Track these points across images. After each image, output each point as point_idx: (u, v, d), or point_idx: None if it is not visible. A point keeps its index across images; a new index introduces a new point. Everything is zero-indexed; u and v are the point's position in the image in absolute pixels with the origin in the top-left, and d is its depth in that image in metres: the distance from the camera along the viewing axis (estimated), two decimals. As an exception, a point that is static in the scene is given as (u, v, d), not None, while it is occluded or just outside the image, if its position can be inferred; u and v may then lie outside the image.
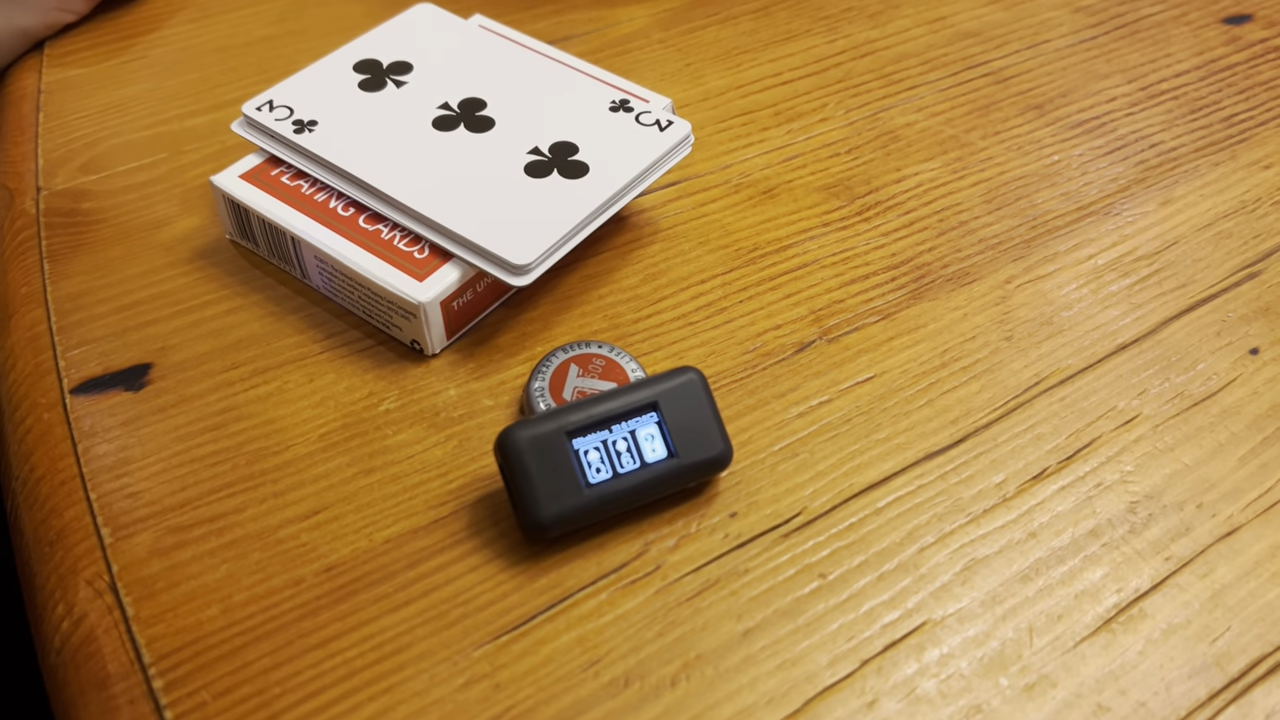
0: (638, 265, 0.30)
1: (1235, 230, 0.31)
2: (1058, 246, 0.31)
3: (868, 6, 0.39)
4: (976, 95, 0.36)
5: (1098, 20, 0.39)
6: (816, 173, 0.33)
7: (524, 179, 0.28)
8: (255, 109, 0.29)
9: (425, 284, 0.26)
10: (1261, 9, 0.40)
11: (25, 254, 0.30)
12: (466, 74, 0.31)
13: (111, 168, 0.32)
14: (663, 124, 0.30)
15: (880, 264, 0.30)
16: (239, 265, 0.29)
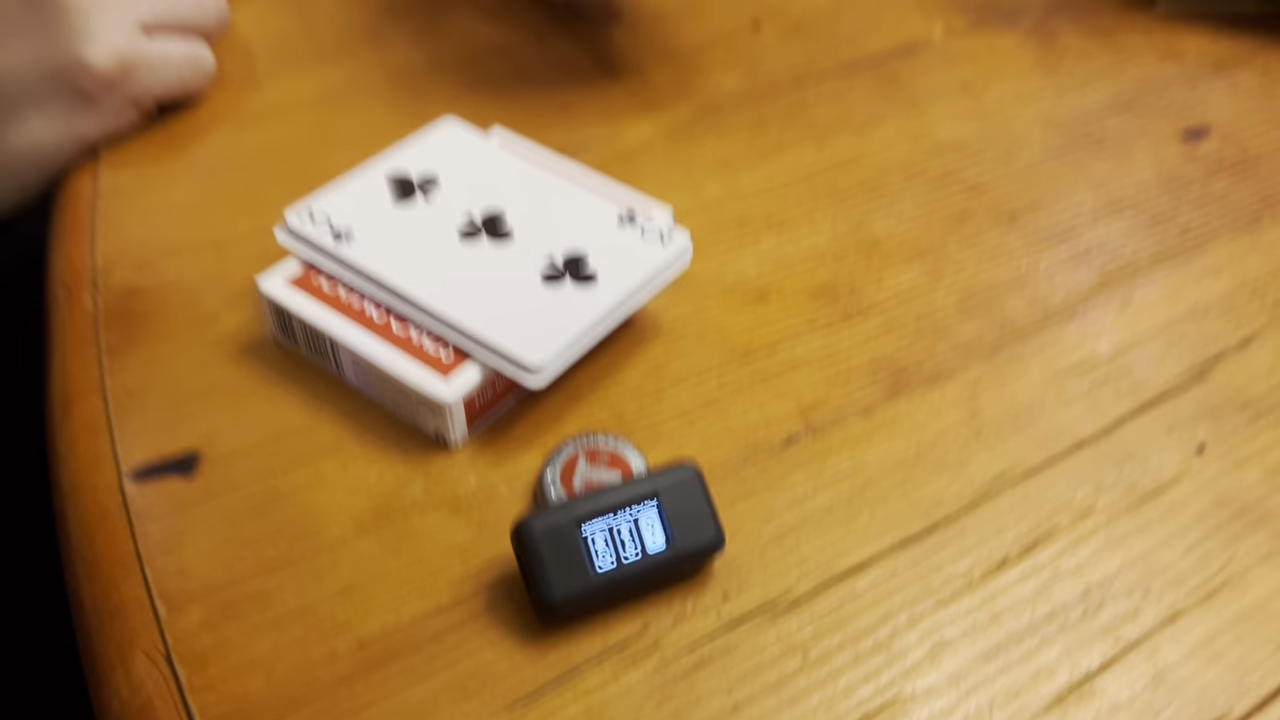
0: (641, 361, 0.33)
1: (1187, 335, 0.34)
2: (1023, 349, 0.34)
3: (854, 119, 0.43)
4: (953, 205, 0.39)
5: (1067, 134, 0.42)
6: (805, 277, 0.36)
7: (540, 287, 0.31)
8: (297, 218, 0.33)
9: (450, 383, 0.29)
10: (1217, 124, 0.43)
11: (84, 347, 0.33)
12: (488, 187, 0.34)
13: (162, 267, 0.35)
14: (665, 237, 0.33)
15: (862, 363, 0.33)
16: (280, 360, 0.32)
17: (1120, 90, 0.45)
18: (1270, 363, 0.34)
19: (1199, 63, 0.47)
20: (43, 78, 0.38)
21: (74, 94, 0.38)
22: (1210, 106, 0.44)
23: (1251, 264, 0.37)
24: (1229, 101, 0.45)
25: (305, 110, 0.42)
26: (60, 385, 0.32)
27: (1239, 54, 0.47)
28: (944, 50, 0.47)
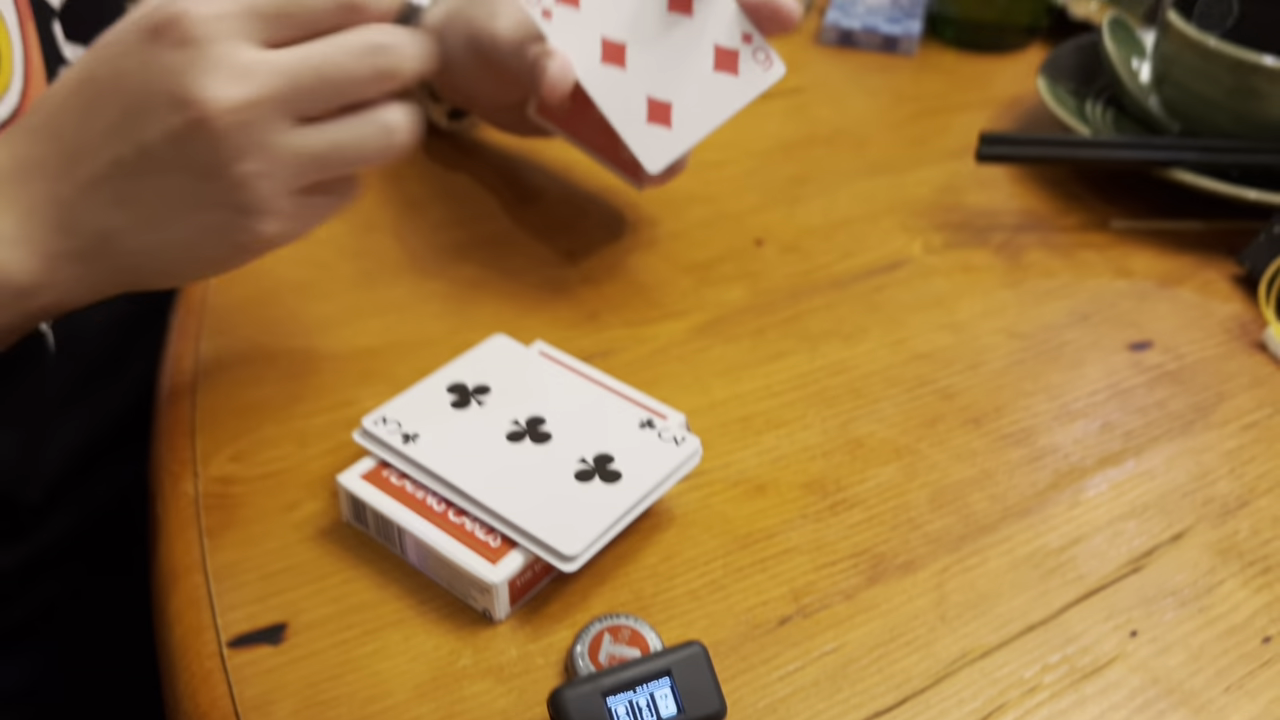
0: (657, 547, 0.39)
1: (1126, 530, 0.40)
2: (985, 541, 0.39)
3: (842, 330, 0.49)
4: (926, 409, 0.45)
5: (1028, 345, 0.49)
6: (798, 472, 0.42)
7: (574, 483, 0.37)
8: (372, 423, 0.39)
9: (497, 567, 0.35)
10: (1159, 337, 0.50)
11: (187, 529, 0.39)
12: (531, 395, 0.41)
13: (253, 458, 0.42)
14: (678, 440, 0.39)
15: (846, 552, 0.39)
16: (353, 543, 0.38)
17: (1076, 304, 0.52)
18: (1196, 557, 0.39)
19: (1146, 278, 0.54)
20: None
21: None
22: (1155, 320, 0.51)
23: (1184, 467, 0.43)
24: (1171, 315, 0.51)
25: (373, 319, 0.49)
26: (166, 562, 0.38)
27: (1183, 271, 0.54)
28: (923, 266, 0.54)
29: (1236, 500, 0.42)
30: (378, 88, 0.38)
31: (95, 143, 0.37)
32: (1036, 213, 0.58)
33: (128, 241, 0.38)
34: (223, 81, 0.35)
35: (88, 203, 0.38)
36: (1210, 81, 0.57)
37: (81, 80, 0.38)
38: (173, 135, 0.36)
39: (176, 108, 0.36)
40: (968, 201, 0.59)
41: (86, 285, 0.39)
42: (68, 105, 0.38)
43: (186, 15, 0.36)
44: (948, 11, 0.76)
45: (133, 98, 0.37)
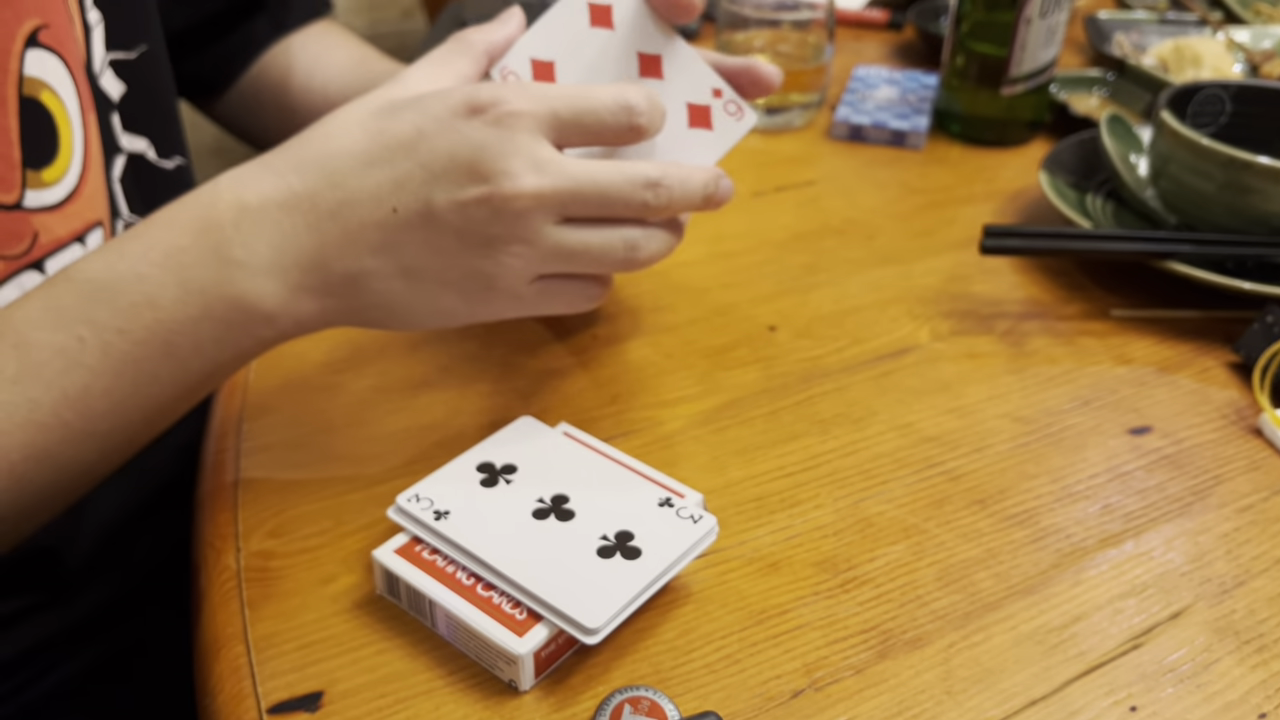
0: (675, 622, 0.41)
1: (1126, 609, 0.42)
2: (990, 619, 0.41)
3: (852, 413, 0.51)
4: (934, 490, 0.47)
5: (1031, 428, 0.51)
6: (810, 550, 0.44)
7: (596, 559, 0.39)
8: (406, 500, 0.41)
9: (523, 639, 0.37)
10: (1158, 423, 0.52)
11: (229, 601, 0.41)
12: (556, 474, 0.43)
13: (292, 533, 0.44)
14: (696, 518, 0.41)
15: (856, 628, 0.41)
16: (386, 615, 0.40)
17: (1078, 390, 0.54)
18: (1194, 635, 0.41)
19: (1146, 365, 0.56)
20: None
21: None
22: (1154, 405, 0.53)
23: (1183, 548, 0.45)
24: (1169, 401, 0.53)
25: (406, 400, 0.51)
26: (209, 632, 0.40)
27: (1181, 358, 0.56)
28: (930, 352, 0.56)
29: (1233, 580, 0.43)
30: (641, 214, 0.43)
31: (376, 191, 0.40)
32: (1039, 301, 0.61)
33: (374, 286, 0.42)
34: (522, 169, 0.40)
35: (350, 245, 0.41)
36: (1204, 178, 0.60)
37: (374, 133, 0.41)
38: (463, 201, 0.40)
39: (476, 178, 0.40)
40: (973, 290, 0.61)
41: (319, 319, 0.43)
42: (353, 152, 0.41)
43: (505, 101, 0.40)
44: (954, 107, 0.79)
45: (434, 158, 0.40)
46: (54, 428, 0.40)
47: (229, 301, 0.40)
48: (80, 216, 0.51)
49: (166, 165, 0.60)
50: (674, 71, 0.49)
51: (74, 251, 0.51)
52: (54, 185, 0.49)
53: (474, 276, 0.42)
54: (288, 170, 0.41)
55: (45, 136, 0.49)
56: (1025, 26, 0.74)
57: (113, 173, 0.54)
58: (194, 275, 0.40)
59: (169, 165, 0.60)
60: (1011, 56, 0.75)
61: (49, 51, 0.49)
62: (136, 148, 0.57)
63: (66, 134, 0.50)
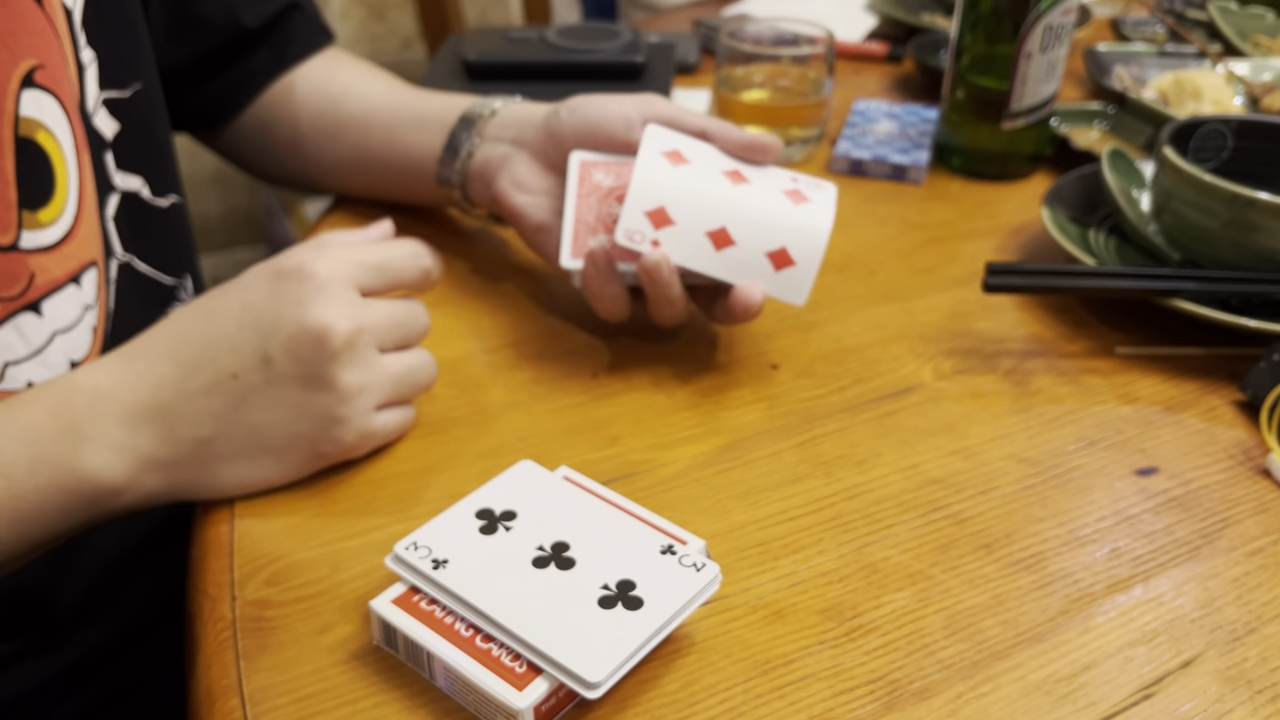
0: (678, 673, 0.40)
1: (1136, 657, 0.41)
2: (998, 668, 0.40)
3: (856, 454, 0.51)
4: (939, 534, 0.47)
5: (1037, 470, 0.50)
6: (815, 597, 0.43)
7: (597, 610, 0.39)
8: (404, 548, 0.41)
9: (523, 693, 0.36)
10: (1165, 463, 0.51)
11: (224, 652, 0.40)
12: (556, 521, 0.42)
13: (288, 581, 0.43)
14: (699, 566, 0.41)
15: (862, 679, 0.40)
16: (383, 666, 0.40)
17: (1083, 430, 0.53)
18: (1205, 684, 0.40)
19: (1151, 404, 0.55)
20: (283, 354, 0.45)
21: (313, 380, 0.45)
22: (1160, 446, 0.52)
23: (1192, 593, 0.44)
24: (1176, 441, 0.53)
25: (403, 444, 0.51)
26: (203, 684, 0.39)
27: (1186, 397, 0.56)
28: (933, 391, 0.56)
29: (1244, 627, 0.42)
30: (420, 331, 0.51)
31: (216, 357, 0.45)
32: (1043, 339, 0.60)
33: (221, 449, 0.45)
34: (340, 311, 0.45)
35: (195, 412, 0.45)
36: (1207, 214, 0.60)
37: (204, 311, 0.47)
38: (296, 351, 0.45)
39: (302, 328, 0.45)
40: (976, 328, 0.61)
41: (165, 491, 0.46)
42: (188, 330, 0.46)
43: (309, 264, 0.46)
44: (954, 141, 0.79)
45: (261, 319, 0.45)
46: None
47: (74, 475, 0.43)
48: (75, 257, 0.51)
49: (161, 203, 0.60)
50: (756, 175, 0.57)
51: (69, 292, 0.50)
52: (50, 226, 0.49)
53: (320, 420, 0.46)
54: (135, 358, 0.46)
55: (41, 177, 0.49)
56: (1026, 61, 0.74)
57: (106, 211, 0.54)
58: (45, 449, 0.43)
59: (163, 203, 0.60)
60: (1012, 90, 0.75)
61: (45, 92, 0.49)
62: (130, 186, 0.57)
63: (62, 174, 0.50)
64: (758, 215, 0.54)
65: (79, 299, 0.51)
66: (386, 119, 0.65)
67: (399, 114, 0.65)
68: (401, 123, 0.65)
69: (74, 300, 0.51)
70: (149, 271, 0.58)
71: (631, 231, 0.53)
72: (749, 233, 0.54)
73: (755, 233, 0.54)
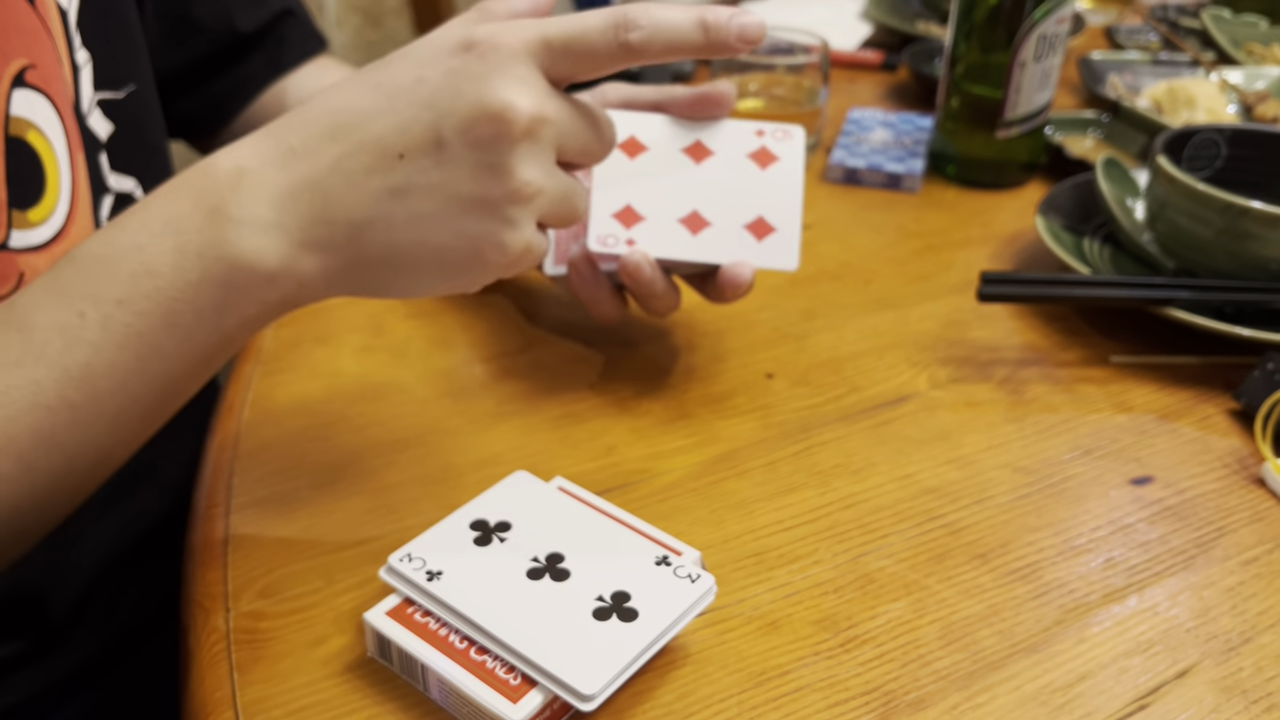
0: (673, 685, 0.40)
1: (1132, 667, 0.41)
2: (993, 678, 0.40)
3: (851, 464, 0.51)
4: (935, 544, 0.46)
5: (1032, 479, 0.50)
6: (810, 608, 0.43)
7: (592, 621, 0.39)
8: (398, 560, 0.41)
9: (517, 706, 0.36)
10: (1160, 472, 0.51)
11: (218, 664, 0.40)
12: (550, 531, 0.42)
13: (282, 592, 0.43)
14: (694, 578, 0.41)
15: (857, 690, 0.40)
16: (377, 678, 0.39)
17: (1078, 439, 0.53)
18: (1201, 694, 0.40)
19: (1146, 413, 0.55)
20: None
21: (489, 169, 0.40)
22: (1155, 454, 0.52)
23: (1187, 603, 0.44)
24: (1171, 450, 0.53)
25: (398, 454, 0.51)
26: (197, 697, 0.39)
27: (1181, 405, 0.56)
28: (928, 400, 0.56)
29: (1239, 637, 0.42)
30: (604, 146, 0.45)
31: (381, 136, 0.40)
32: (1038, 347, 0.60)
33: (379, 236, 0.40)
34: (526, 95, 0.40)
35: (354, 192, 0.40)
36: (1201, 222, 0.60)
37: (372, 84, 0.41)
38: (472, 132, 0.39)
39: (482, 108, 0.39)
40: (971, 336, 0.61)
41: (322, 280, 0.41)
42: (352, 106, 0.41)
43: (493, 36, 0.40)
44: (949, 150, 0.79)
45: (437, 97, 0.40)
46: (59, 409, 0.39)
47: (227, 262, 0.39)
48: None
49: None
50: (718, 142, 0.54)
51: None
52: (40, 225, 0.49)
53: (488, 216, 0.41)
54: (285, 132, 0.41)
55: (31, 177, 0.49)
56: (1020, 69, 0.74)
57: (101, 212, 0.54)
58: (190, 239, 0.39)
59: None
60: (1006, 99, 0.75)
61: (36, 91, 0.49)
62: (124, 187, 0.57)
63: (53, 174, 0.50)
64: (726, 190, 0.53)
65: None
66: None
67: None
68: None
69: None
70: None
71: (604, 236, 0.52)
72: (721, 210, 0.53)
73: (728, 208, 0.53)
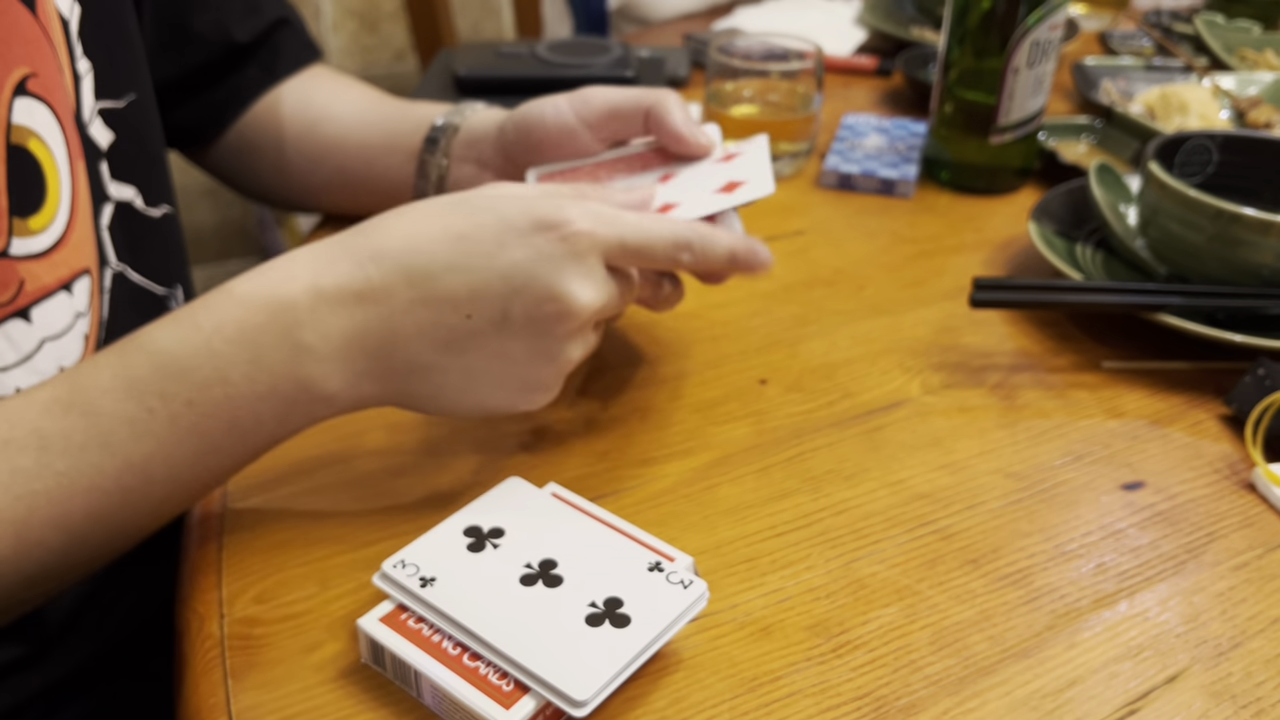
0: (666, 691, 0.40)
1: (1122, 672, 0.41)
2: (984, 684, 0.41)
3: (844, 470, 0.51)
4: (926, 550, 0.47)
5: (1024, 485, 0.51)
6: (802, 614, 0.43)
7: (584, 627, 0.39)
8: (392, 566, 0.41)
9: (510, 712, 0.36)
10: (1151, 478, 0.51)
11: (212, 670, 0.40)
12: (544, 537, 0.43)
13: (276, 598, 0.43)
14: (686, 584, 0.41)
15: (848, 695, 0.40)
16: (371, 684, 0.40)
17: (1070, 445, 0.53)
18: (1190, 699, 0.40)
19: (1138, 419, 0.56)
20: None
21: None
22: (1147, 460, 0.53)
23: (1177, 608, 0.44)
24: (1162, 455, 0.53)
25: (392, 460, 0.51)
26: (191, 703, 0.39)
27: (1173, 411, 0.56)
28: (921, 406, 0.56)
29: (1229, 641, 0.43)
30: (676, 269, 0.50)
31: (454, 295, 0.43)
32: (1030, 353, 0.60)
33: (434, 379, 0.44)
34: (590, 290, 0.44)
35: (419, 341, 0.43)
36: (1193, 229, 0.60)
37: (455, 237, 0.44)
38: (536, 315, 0.43)
39: (551, 297, 0.43)
40: (964, 342, 0.61)
41: (375, 400, 0.45)
42: (433, 253, 0.43)
43: (576, 224, 0.44)
44: (943, 155, 0.80)
45: (514, 270, 0.43)
46: (114, 492, 0.41)
47: (296, 382, 0.42)
48: (67, 264, 0.51)
49: (154, 213, 0.60)
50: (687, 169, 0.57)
51: (60, 299, 0.50)
52: (40, 233, 0.49)
53: (530, 385, 0.46)
54: (366, 260, 0.43)
55: (32, 184, 0.49)
56: (1013, 75, 0.74)
57: (101, 221, 0.54)
58: (266, 355, 0.42)
59: (156, 214, 0.60)
60: (1000, 105, 0.76)
61: (37, 100, 0.49)
62: (124, 196, 0.57)
63: (54, 182, 0.50)
64: (696, 185, 0.55)
65: (70, 306, 0.51)
66: (361, 142, 0.66)
67: (372, 135, 0.66)
68: (376, 146, 0.66)
69: (65, 308, 0.51)
70: (141, 281, 0.58)
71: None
72: (692, 190, 0.54)
73: (699, 188, 0.54)
